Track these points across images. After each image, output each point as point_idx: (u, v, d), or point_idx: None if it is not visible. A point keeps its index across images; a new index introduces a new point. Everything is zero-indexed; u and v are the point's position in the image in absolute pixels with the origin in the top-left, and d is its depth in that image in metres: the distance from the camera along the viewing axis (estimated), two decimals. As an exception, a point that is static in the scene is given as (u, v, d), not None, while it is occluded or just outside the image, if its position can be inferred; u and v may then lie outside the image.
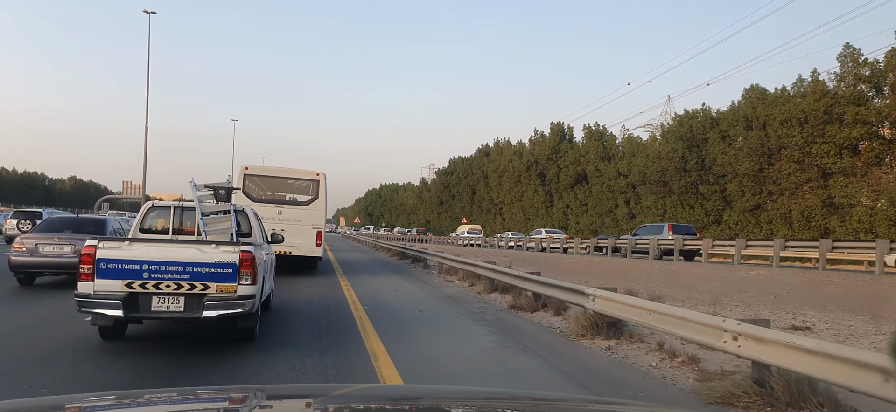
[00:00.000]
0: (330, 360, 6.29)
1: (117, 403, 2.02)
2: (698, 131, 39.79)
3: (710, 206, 38.62)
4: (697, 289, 13.86)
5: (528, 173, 63.31)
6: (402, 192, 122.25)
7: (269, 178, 17.59)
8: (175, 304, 5.99)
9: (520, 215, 65.03)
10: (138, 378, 5.41)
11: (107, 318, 6.07)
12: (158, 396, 2.37)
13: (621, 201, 48.14)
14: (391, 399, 2.33)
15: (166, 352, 6.46)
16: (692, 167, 39.41)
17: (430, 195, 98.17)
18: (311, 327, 8.29)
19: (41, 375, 5.27)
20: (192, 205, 8.28)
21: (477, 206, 77.64)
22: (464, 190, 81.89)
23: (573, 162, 55.26)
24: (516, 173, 65.48)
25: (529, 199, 62.83)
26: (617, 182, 48.58)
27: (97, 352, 6.26)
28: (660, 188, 42.56)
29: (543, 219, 60.18)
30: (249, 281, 6.15)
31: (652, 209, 43.26)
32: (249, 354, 6.40)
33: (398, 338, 7.65)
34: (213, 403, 2.03)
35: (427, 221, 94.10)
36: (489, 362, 6.64)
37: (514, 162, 65.69)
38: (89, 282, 5.89)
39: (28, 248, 11.17)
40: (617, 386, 5.70)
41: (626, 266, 22.37)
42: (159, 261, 5.97)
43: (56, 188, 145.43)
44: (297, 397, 2.23)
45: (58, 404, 1.98)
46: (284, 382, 5.38)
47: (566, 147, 57.97)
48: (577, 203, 54.70)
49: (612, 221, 49.04)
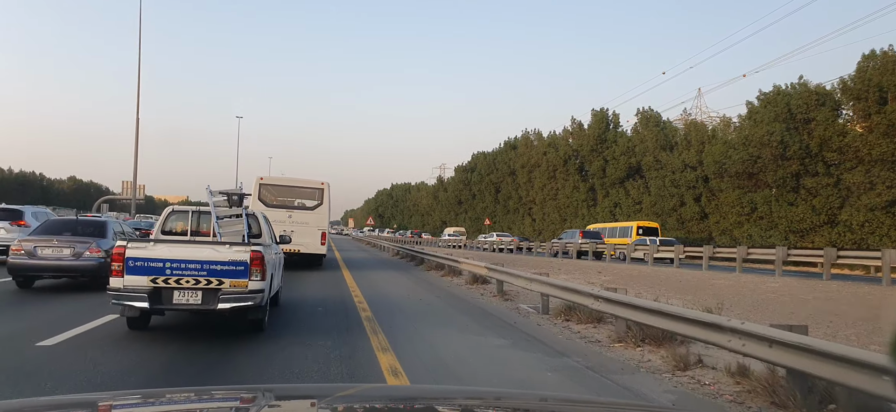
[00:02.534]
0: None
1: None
2: (799, 110, 31.85)
3: (819, 202, 30.65)
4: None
5: (566, 167, 55.46)
6: (415, 192, 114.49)
7: (280, 187, 19.94)
8: (194, 298, 6.75)
9: (554, 215, 57.15)
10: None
11: (134, 310, 6.82)
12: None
13: (689, 197, 40.21)
14: (397, 399, 2.39)
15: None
16: (793, 154, 31.47)
17: (447, 195, 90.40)
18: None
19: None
20: (208, 209, 8.82)
21: (502, 205, 69.77)
22: (486, 188, 74.05)
23: (625, 152, 47.33)
24: (551, 167, 57.61)
25: (567, 197, 54.97)
26: (683, 175, 40.67)
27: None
28: (745, 181, 34.66)
29: (584, 219, 52.30)
30: (259, 277, 6.90)
31: (735, 207, 35.27)
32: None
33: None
34: (225, 403, 2.14)
35: (443, 223, 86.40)
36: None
37: (549, 155, 57.77)
38: (120, 278, 6.66)
39: (26, 251, 11.02)
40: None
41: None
42: (180, 259, 6.72)
43: (54, 188, 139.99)
44: (302, 397, 2.34)
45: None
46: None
47: (613, 136, 50.05)
48: (628, 201, 46.79)
49: (676, 221, 41.13)
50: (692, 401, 5.19)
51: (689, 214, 40.32)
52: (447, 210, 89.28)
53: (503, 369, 6.58)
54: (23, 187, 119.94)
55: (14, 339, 6.98)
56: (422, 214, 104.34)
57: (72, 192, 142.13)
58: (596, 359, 6.99)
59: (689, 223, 40.13)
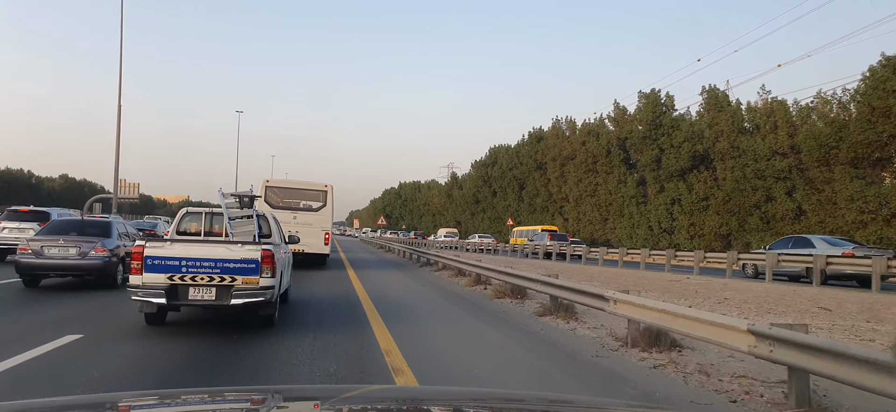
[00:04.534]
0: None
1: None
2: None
3: None
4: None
5: (609, 159, 48.00)
6: (426, 191, 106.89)
7: (285, 189, 20.37)
8: (208, 294, 7.10)
9: (593, 214, 49.67)
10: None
11: (152, 305, 7.15)
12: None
13: (780, 191, 32.69)
14: (404, 400, 2.41)
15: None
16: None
17: (462, 193, 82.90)
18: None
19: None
20: (220, 210, 8.94)
21: (527, 203, 62.21)
22: (509, 184, 66.50)
23: (688, 138, 39.74)
24: (589, 159, 50.16)
25: (609, 193, 47.49)
26: (770, 165, 33.17)
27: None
28: (867, 170, 27.15)
29: (633, 219, 44.81)
30: (270, 274, 7.23)
31: (856, 201, 27.66)
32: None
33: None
34: (236, 404, 2.16)
35: (458, 223, 78.94)
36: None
37: (590, 144, 50.24)
38: (139, 275, 7.01)
39: (34, 250, 11.29)
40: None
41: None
42: (195, 257, 7.09)
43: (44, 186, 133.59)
44: (311, 399, 2.38)
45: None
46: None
47: (670, 120, 42.46)
48: (690, 197, 39.26)
49: (759, 220, 33.62)
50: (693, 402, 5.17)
51: (777, 211, 32.78)
52: (462, 209, 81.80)
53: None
54: (7, 185, 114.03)
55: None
56: (433, 214, 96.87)
57: (63, 191, 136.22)
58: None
59: (778, 223, 32.57)
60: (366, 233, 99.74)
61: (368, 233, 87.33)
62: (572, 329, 8.70)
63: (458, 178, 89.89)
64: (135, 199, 67.27)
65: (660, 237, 41.90)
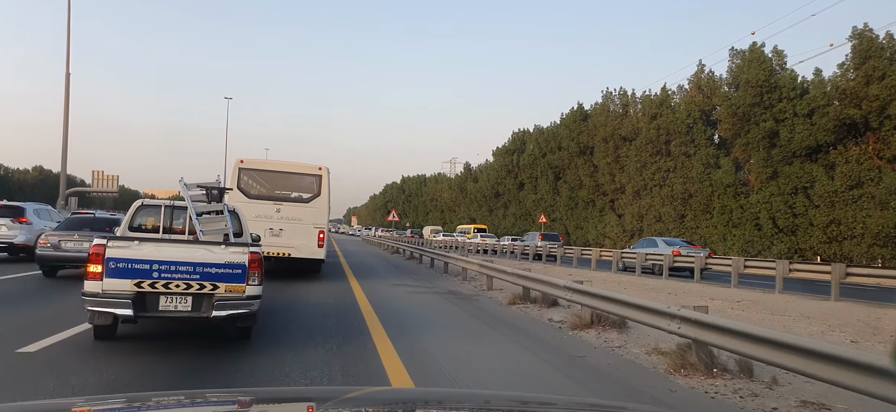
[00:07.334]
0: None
1: (127, 406, 2.00)
2: None
3: None
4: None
5: (690, 137, 36.91)
6: (433, 185, 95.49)
7: (266, 173, 15.73)
8: (183, 304, 5.92)
9: (665, 209, 38.45)
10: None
11: (105, 317, 5.88)
12: (167, 400, 2.22)
13: None
14: (403, 402, 2.33)
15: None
16: None
17: (477, 186, 71.68)
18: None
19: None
20: (183, 204, 8.10)
21: (566, 197, 50.96)
22: (541, 173, 55.23)
23: (821, 106, 28.53)
24: (658, 139, 39.06)
25: (687, 182, 36.36)
26: None
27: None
28: None
29: (728, 215, 33.68)
30: (257, 281, 6.14)
31: None
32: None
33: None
34: (221, 406, 2.00)
35: (472, 220, 67.73)
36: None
37: (663, 118, 39.00)
38: (97, 281, 5.76)
39: (52, 244, 12.41)
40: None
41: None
42: (170, 260, 5.87)
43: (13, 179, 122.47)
44: (301, 400, 2.26)
45: (66, 407, 2.02)
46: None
47: (788, 82, 31.29)
48: (825, 191, 28.15)
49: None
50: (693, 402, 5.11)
51: None
52: (478, 205, 70.63)
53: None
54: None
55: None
56: (442, 210, 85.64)
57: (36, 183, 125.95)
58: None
59: None
60: (364, 232, 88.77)
61: (375, 233, 76.04)
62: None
63: (471, 169, 78.71)
64: (114, 192, 56.78)
65: (774, 239, 30.88)
